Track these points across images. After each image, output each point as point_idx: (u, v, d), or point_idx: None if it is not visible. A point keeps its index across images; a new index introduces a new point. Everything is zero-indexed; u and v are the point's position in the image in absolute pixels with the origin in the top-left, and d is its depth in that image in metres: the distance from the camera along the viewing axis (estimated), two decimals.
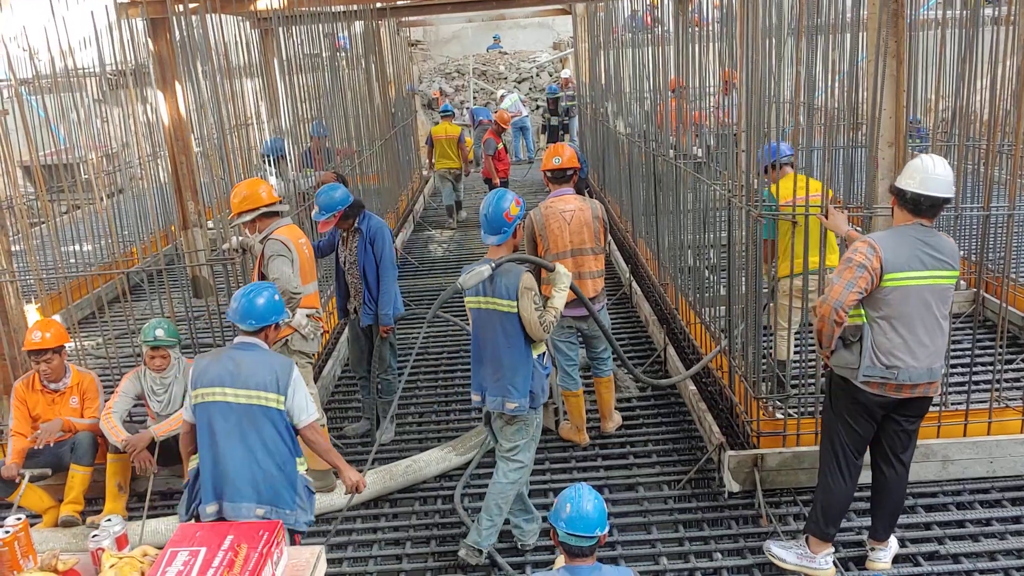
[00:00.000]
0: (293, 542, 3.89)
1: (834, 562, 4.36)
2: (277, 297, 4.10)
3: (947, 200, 3.95)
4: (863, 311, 4.02)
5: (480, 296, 4.51)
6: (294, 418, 3.93)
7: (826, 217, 4.87)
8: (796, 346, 5.81)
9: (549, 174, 5.75)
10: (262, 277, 5.17)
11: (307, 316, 5.26)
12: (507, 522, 4.90)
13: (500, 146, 13.00)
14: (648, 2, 9.33)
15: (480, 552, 4.61)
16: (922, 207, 3.94)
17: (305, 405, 3.97)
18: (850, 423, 4.16)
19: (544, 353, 4.62)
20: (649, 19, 9.05)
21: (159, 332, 5.31)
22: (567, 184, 5.73)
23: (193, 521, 3.94)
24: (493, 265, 4.41)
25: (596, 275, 5.62)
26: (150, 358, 5.35)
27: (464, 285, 4.41)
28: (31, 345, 5.30)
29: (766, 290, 5.60)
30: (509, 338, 4.46)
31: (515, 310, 4.40)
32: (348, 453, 6.14)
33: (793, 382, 5.68)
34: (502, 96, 19.66)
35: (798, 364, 5.58)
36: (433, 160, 13.69)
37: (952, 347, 5.44)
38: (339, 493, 5.38)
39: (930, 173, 3.90)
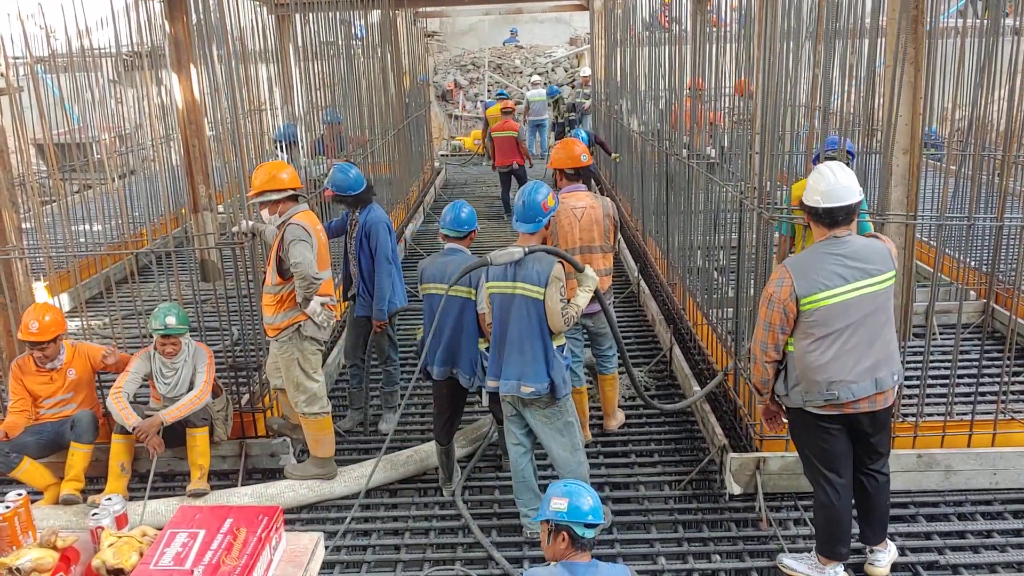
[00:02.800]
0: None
1: (844, 570, 4.34)
2: (472, 212, 5.24)
3: (858, 203, 3.91)
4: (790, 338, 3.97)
5: (506, 281, 4.57)
6: (478, 307, 4.99)
7: None
8: None
9: (561, 171, 5.73)
10: (279, 261, 5.16)
11: (321, 304, 5.25)
12: (516, 515, 4.94)
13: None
14: (662, 1, 9.30)
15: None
16: (837, 218, 3.89)
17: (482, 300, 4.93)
18: (819, 445, 4.11)
19: (564, 345, 4.65)
20: (663, 19, 9.02)
21: (170, 320, 5.24)
22: (579, 180, 5.72)
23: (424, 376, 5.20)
24: (526, 251, 4.45)
25: (604, 273, 5.61)
26: (161, 345, 5.32)
27: (494, 261, 4.47)
28: (30, 336, 5.22)
29: None
30: (533, 324, 4.51)
31: (542, 297, 4.45)
32: (349, 443, 6.15)
33: None
34: (533, 83, 19.55)
35: None
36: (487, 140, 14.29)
37: (960, 357, 5.41)
38: (340, 481, 5.39)
39: (834, 184, 3.85)
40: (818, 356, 3.90)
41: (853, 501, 4.29)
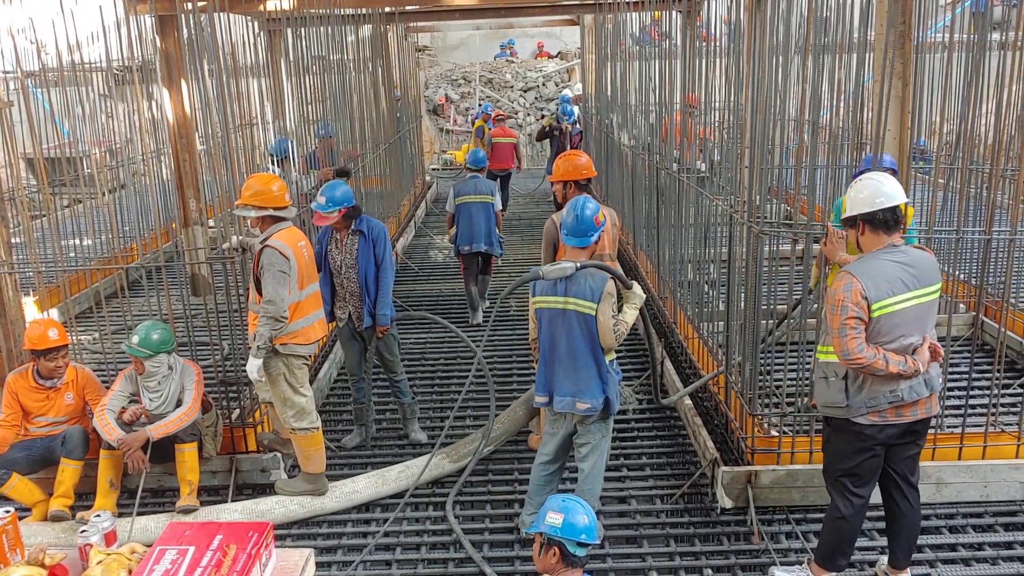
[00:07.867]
0: None
1: None
2: (484, 154, 6.25)
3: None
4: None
5: (556, 296, 4.54)
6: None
7: (825, 243, 4.84)
8: (793, 364, 5.80)
9: (573, 183, 5.75)
10: (257, 280, 5.14)
11: (256, 368, 5.14)
12: (508, 531, 4.95)
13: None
14: (652, 16, 9.36)
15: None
16: (898, 218, 3.91)
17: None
18: (856, 460, 4.05)
19: (615, 359, 4.65)
20: (655, 33, 9.08)
21: (134, 340, 5.22)
22: (586, 191, 5.74)
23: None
24: (577, 266, 4.44)
25: None
26: (132, 360, 5.32)
27: (545, 276, 4.46)
28: (48, 343, 5.21)
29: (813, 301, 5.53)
30: (585, 340, 4.49)
31: (595, 312, 4.44)
32: (340, 459, 6.13)
33: (789, 399, 5.66)
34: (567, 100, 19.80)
35: (794, 382, 5.58)
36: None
37: (949, 370, 5.44)
38: (331, 497, 5.37)
39: (886, 187, 3.90)
40: None
41: (880, 524, 4.35)
